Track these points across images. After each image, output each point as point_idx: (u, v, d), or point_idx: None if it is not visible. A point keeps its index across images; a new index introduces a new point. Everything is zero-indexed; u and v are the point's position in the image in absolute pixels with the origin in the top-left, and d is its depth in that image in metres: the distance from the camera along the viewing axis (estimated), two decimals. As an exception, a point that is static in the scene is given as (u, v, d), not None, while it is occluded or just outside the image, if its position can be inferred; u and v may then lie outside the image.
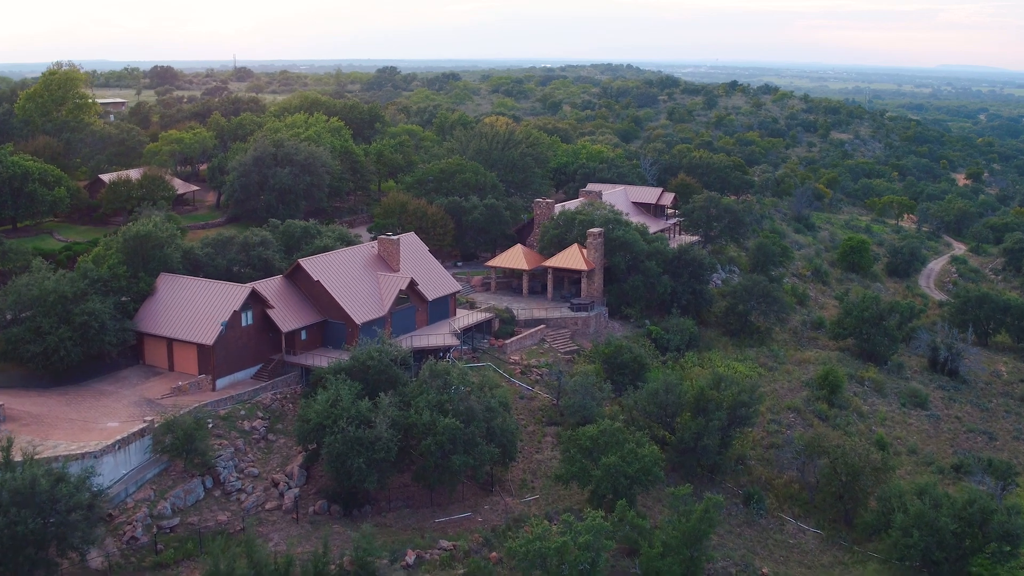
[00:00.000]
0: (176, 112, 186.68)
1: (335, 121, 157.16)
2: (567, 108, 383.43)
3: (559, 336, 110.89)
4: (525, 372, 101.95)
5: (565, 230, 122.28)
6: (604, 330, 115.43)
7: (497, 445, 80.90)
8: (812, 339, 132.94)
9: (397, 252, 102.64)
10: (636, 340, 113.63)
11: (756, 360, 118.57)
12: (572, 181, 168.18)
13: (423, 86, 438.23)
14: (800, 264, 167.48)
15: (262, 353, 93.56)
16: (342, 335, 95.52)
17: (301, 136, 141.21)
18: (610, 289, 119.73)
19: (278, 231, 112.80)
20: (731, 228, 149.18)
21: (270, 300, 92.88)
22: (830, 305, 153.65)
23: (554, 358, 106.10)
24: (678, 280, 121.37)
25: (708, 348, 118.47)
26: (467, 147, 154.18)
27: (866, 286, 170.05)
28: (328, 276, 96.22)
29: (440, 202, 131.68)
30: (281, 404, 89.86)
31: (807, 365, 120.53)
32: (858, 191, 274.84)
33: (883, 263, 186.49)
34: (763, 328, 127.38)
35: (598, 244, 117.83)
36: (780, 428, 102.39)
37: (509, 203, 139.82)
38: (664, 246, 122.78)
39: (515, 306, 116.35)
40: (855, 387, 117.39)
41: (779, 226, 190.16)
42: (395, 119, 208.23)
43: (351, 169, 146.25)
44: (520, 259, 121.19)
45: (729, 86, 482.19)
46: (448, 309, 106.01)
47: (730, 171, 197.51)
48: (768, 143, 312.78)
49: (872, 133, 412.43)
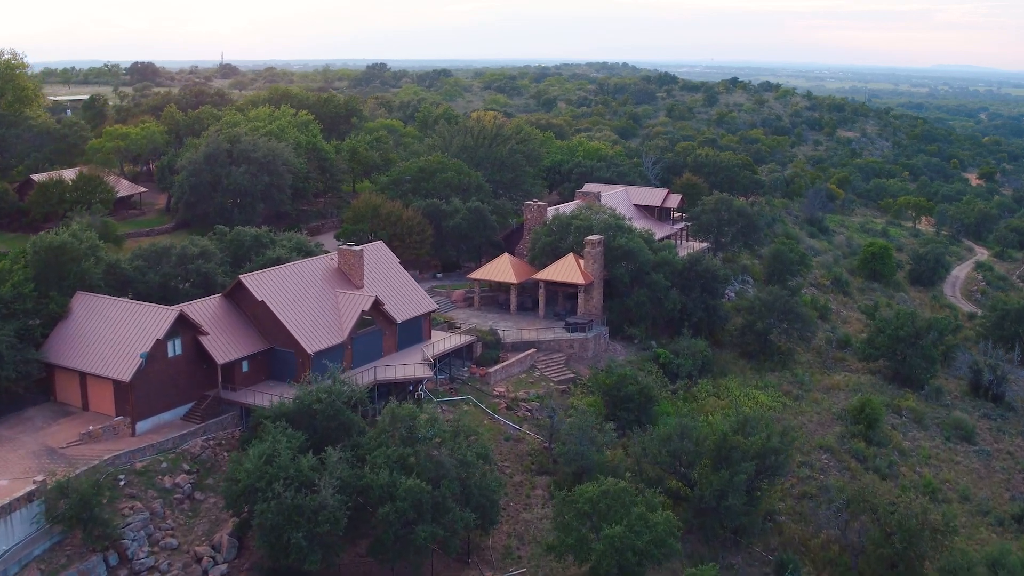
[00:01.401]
0: (133, 106, 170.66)
1: (304, 115, 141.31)
2: (562, 105, 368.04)
3: (552, 362, 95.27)
4: (512, 407, 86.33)
5: (559, 237, 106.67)
6: (604, 353, 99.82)
7: (474, 508, 65.38)
8: (838, 360, 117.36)
9: (360, 265, 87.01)
10: (641, 365, 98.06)
11: (779, 387, 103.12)
12: (567, 181, 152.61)
13: (413, 83, 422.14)
14: (818, 273, 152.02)
15: (194, 389, 77.84)
16: (292, 366, 79.84)
17: (262, 131, 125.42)
18: (611, 305, 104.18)
19: (225, 239, 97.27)
20: (744, 233, 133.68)
21: (203, 325, 77.16)
22: (853, 319, 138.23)
23: (546, 389, 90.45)
24: (689, 295, 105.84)
25: (723, 373, 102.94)
26: (450, 143, 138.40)
27: (889, 296, 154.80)
28: (275, 295, 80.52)
29: (418, 205, 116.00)
30: (214, 452, 74.13)
31: (836, 392, 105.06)
32: (870, 191, 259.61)
33: (905, 271, 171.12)
34: (784, 349, 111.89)
35: (597, 254, 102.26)
36: (813, 473, 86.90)
37: (496, 206, 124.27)
38: (672, 255, 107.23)
39: (502, 326, 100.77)
40: (892, 418, 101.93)
41: (792, 230, 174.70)
42: (375, 114, 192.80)
43: (320, 168, 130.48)
44: (507, 271, 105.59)
45: (730, 83, 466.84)
46: (421, 332, 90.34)
47: (739, 170, 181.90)
48: (773, 141, 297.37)
49: (879, 131, 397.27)
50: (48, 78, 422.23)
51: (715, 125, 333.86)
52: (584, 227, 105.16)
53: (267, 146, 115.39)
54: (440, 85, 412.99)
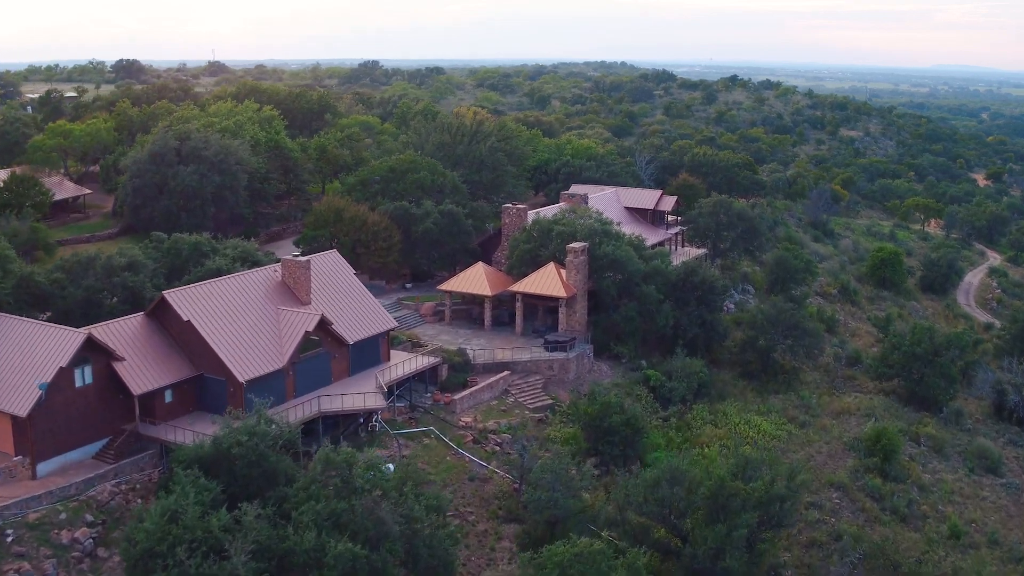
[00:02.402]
0: (93, 101, 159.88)
1: (268, 110, 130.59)
2: (556, 103, 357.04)
3: (528, 386, 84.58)
4: (479, 440, 75.67)
5: (539, 244, 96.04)
6: (588, 375, 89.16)
7: (423, 571, 54.81)
8: (848, 379, 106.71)
9: (307, 279, 76.33)
10: (629, 389, 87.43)
11: (783, 412, 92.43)
12: (554, 182, 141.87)
13: (404, 80, 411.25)
14: (824, 280, 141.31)
15: (110, 423, 67.17)
16: (223, 397, 69.16)
17: (217, 127, 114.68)
18: (596, 321, 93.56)
19: (162, 247, 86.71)
20: (745, 238, 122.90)
21: (118, 350, 66.52)
22: (863, 331, 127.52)
23: (520, 418, 79.77)
24: (683, 308, 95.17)
25: (722, 397, 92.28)
26: (426, 141, 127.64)
27: (901, 306, 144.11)
28: (204, 314, 69.84)
29: (385, 208, 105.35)
30: (126, 499, 63.63)
31: (847, 417, 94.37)
32: (875, 192, 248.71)
33: (916, 277, 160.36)
34: (789, 367, 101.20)
35: (580, 263, 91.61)
36: (823, 515, 76.18)
37: (474, 209, 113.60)
38: (666, 265, 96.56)
39: (474, 344, 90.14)
40: (910, 447, 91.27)
41: (795, 233, 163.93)
42: (352, 110, 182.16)
43: (282, 167, 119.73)
44: (481, 281, 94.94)
45: (729, 80, 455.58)
46: (378, 353, 79.59)
47: (739, 170, 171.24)
48: (774, 140, 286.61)
49: (882, 130, 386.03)
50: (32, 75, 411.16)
51: (714, 124, 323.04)
52: (567, 233, 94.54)
53: (219, 143, 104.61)
54: (431, 83, 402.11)
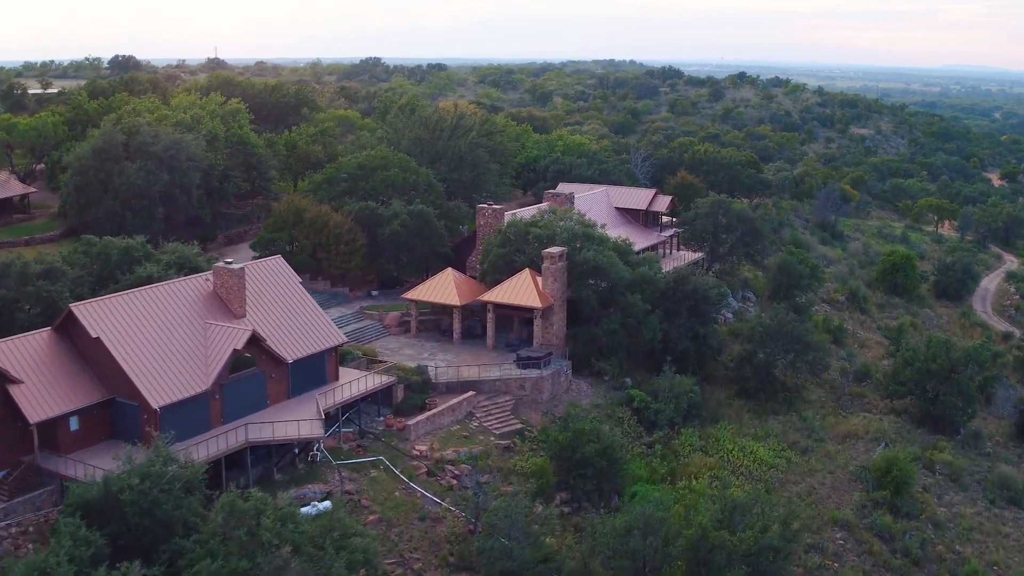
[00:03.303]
0: (58, 94, 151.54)
1: (234, 103, 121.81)
2: (558, 100, 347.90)
3: (496, 408, 75.60)
4: (434, 472, 66.77)
5: (515, 249, 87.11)
6: (565, 395, 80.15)
7: (344, 642, 46.00)
8: (856, 396, 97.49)
9: (240, 289, 67.52)
10: (611, 411, 78.48)
11: (782, 436, 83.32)
12: (543, 180, 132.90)
13: (404, 77, 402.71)
14: (831, 286, 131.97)
15: (4, 454, 58.56)
16: (137, 424, 60.47)
17: (171, 120, 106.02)
18: (576, 334, 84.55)
19: (92, 252, 78.08)
20: (746, 242, 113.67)
21: (14, 371, 57.91)
22: (873, 342, 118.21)
23: (484, 446, 70.81)
24: (673, 320, 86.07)
25: (714, 419, 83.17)
26: (402, 136, 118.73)
27: (913, 314, 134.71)
28: (117, 330, 61.13)
29: (350, 208, 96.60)
30: (15, 544, 54.97)
31: (854, 442, 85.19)
32: (887, 192, 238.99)
33: (930, 283, 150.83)
34: (791, 385, 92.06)
35: (558, 270, 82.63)
36: (825, 559, 67.09)
37: (449, 209, 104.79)
38: (654, 271, 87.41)
39: (439, 359, 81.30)
40: (924, 475, 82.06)
41: (801, 235, 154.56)
42: (333, 104, 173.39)
43: (245, 164, 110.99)
44: (450, 290, 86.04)
45: (737, 77, 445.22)
46: (324, 372, 70.75)
47: (742, 168, 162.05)
48: (782, 138, 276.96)
49: (894, 128, 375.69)
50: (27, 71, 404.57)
51: (720, 121, 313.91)
52: (544, 236, 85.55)
53: (169, 138, 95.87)
54: (433, 79, 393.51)
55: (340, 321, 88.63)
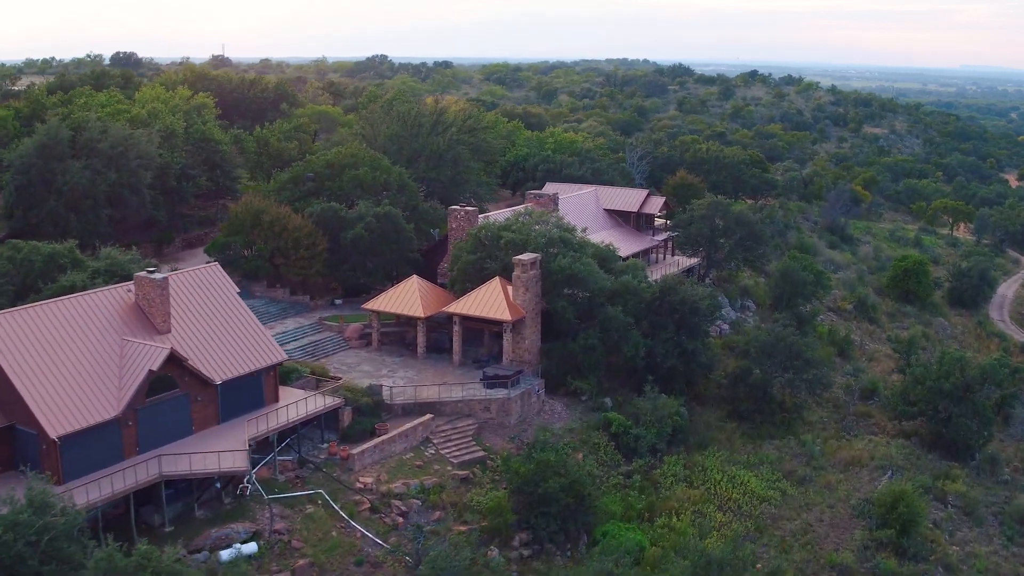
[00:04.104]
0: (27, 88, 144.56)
1: (201, 97, 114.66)
2: (564, 97, 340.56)
3: (457, 433, 68.06)
4: (379, 508, 59.30)
5: (486, 255, 79.57)
6: (537, 417, 72.55)
7: None
8: (862, 416, 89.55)
9: (164, 301, 60.19)
10: (586, 436, 70.91)
11: (778, 463, 75.52)
12: (532, 180, 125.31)
13: (408, 74, 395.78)
14: (838, 294, 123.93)
15: None
16: (36, 455, 53.27)
17: (125, 115, 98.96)
18: (550, 349, 76.95)
19: (17, 259, 70.99)
20: (745, 246, 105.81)
21: None
22: (881, 354, 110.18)
23: (439, 478, 63.28)
24: (658, 335, 78.29)
25: (703, 444, 75.40)
26: (377, 132, 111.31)
27: (926, 323, 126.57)
28: (14, 348, 53.90)
29: (312, 210, 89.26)
30: None
31: (858, 470, 77.28)
32: (900, 194, 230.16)
33: (944, 289, 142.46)
34: (790, 405, 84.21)
35: (531, 279, 75.03)
36: (821, 610, 59.37)
37: (424, 211, 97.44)
38: (637, 280, 79.67)
39: (398, 377, 73.89)
40: (935, 508, 74.15)
41: (808, 239, 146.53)
42: (318, 99, 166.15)
43: (208, 162, 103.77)
44: (413, 300, 78.54)
45: (748, 76, 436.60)
46: (261, 394, 63.35)
47: (745, 168, 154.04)
48: (792, 137, 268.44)
49: (909, 128, 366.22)
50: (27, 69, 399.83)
51: (729, 120, 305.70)
52: (518, 241, 77.94)
53: (118, 134, 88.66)
54: (438, 76, 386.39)
55: (296, 333, 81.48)
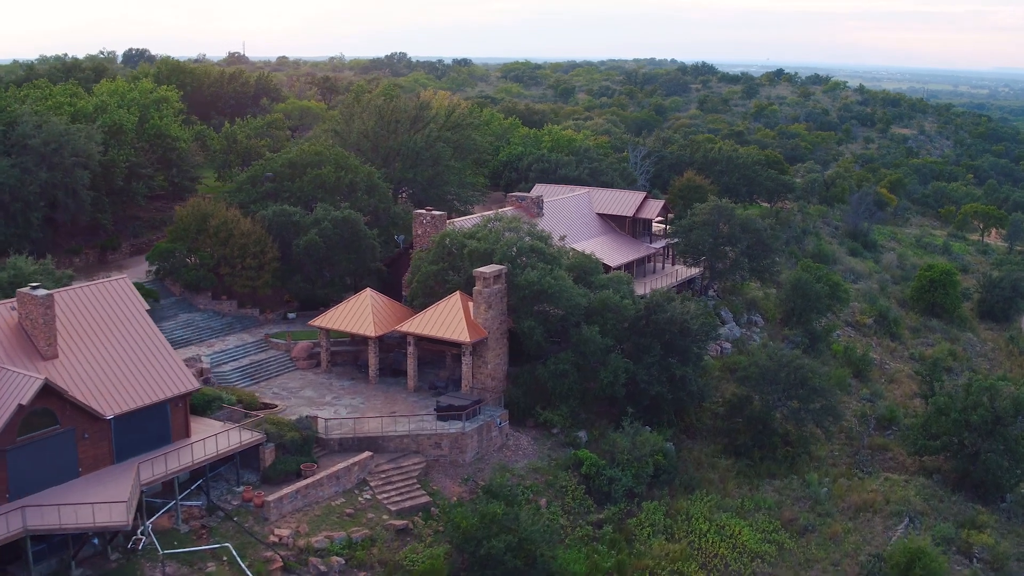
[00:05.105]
0: None
1: (164, 90, 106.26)
2: (582, 96, 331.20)
3: (399, 474, 58.83)
4: (294, 568, 50.20)
5: (448, 266, 70.40)
6: (497, 455, 63.19)
7: None
8: (878, 450, 79.58)
9: (49, 321, 51.44)
10: (553, 477, 61.56)
11: (777, 508, 65.76)
12: (524, 181, 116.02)
13: (423, 71, 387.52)
14: (857, 307, 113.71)
15: None
16: None
17: (67, 109, 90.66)
18: (518, 375, 67.65)
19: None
20: (751, 256, 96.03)
21: None
22: (903, 375, 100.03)
23: (371, 529, 54.04)
24: (642, 358, 68.76)
25: (690, 486, 65.75)
26: (350, 128, 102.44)
27: (952, 339, 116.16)
28: None
29: (263, 214, 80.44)
30: None
31: (870, 516, 67.32)
32: (928, 197, 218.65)
33: (973, 301, 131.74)
34: (795, 438, 74.38)
35: (493, 294, 65.75)
36: None
37: (396, 215, 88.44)
38: (620, 295, 70.12)
39: (342, 405, 64.88)
40: (958, 564, 64.16)
41: (828, 246, 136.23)
42: (305, 94, 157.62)
43: (163, 161, 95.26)
44: (365, 316, 69.48)
45: (774, 74, 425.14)
46: (167, 428, 54.43)
47: (760, 169, 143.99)
48: (817, 137, 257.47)
49: (939, 128, 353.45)
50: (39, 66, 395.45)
51: (752, 119, 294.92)
52: (482, 251, 68.65)
53: (52, 129, 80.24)
54: (455, 74, 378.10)
55: (236, 352, 72.62)
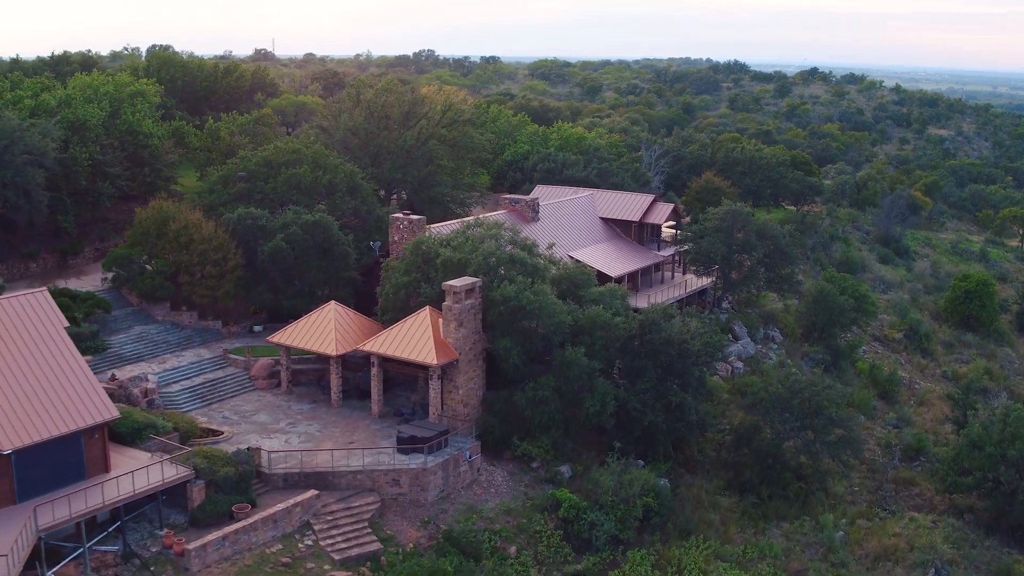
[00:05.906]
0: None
1: (142, 83, 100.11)
2: (609, 94, 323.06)
3: (348, 516, 51.74)
4: (211, 633, 43.35)
5: (421, 277, 63.33)
6: (466, 493, 55.93)
7: None
8: (904, 484, 71.42)
9: (-65, 342, 45.00)
10: (527, 520, 54.26)
11: (785, 556, 57.99)
12: (528, 182, 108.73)
13: (448, 68, 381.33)
14: (886, 320, 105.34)
15: None
16: None
17: (26, 104, 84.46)
18: (494, 402, 60.43)
19: None
20: (770, 265, 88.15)
21: None
22: (934, 396, 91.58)
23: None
24: (634, 384, 61.27)
25: (685, 530, 58.09)
26: (337, 125, 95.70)
27: (988, 354, 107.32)
28: None
29: (228, 217, 73.84)
30: None
31: (891, 567, 59.29)
32: (965, 200, 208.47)
33: (1012, 313, 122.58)
34: (808, 472, 66.50)
35: (465, 311, 58.55)
36: None
37: (380, 218, 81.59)
38: (610, 313, 62.56)
39: (296, 432, 58.04)
40: (992, 621, 56.17)
41: (857, 253, 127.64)
42: (302, 90, 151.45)
43: (133, 159, 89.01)
44: (327, 332, 62.61)
45: (808, 73, 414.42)
46: (81, 463, 47.77)
47: (785, 169, 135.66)
48: (850, 137, 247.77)
49: (977, 129, 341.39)
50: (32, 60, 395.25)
51: (784, 119, 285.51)
52: (457, 261, 61.44)
53: (4, 126, 74.05)
54: (482, 71, 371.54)
55: (190, 370, 66.06)
